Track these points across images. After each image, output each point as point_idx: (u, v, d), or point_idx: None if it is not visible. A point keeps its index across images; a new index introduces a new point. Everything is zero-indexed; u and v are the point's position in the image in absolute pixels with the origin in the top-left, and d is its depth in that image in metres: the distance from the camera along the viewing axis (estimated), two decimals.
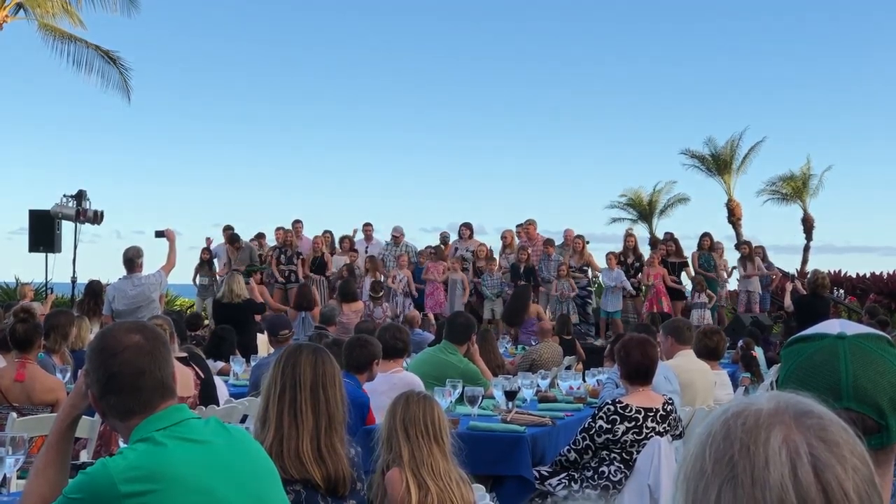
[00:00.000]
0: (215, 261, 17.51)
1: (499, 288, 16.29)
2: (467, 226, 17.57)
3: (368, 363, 5.80)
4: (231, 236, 17.46)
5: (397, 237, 17.66)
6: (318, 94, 47.73)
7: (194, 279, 17.55)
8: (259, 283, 15.60)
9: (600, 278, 16.81)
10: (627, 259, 16.75)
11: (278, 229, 17.73)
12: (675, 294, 16.54)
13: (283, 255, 17.27)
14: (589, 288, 16.55)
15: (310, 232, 18.11)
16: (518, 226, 17.69)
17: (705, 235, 17.12)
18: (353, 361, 5.72)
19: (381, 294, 15.43)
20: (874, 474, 1.09)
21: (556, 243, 17.15)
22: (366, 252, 17.30)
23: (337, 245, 17.86)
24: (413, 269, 16.79)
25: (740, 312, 16.16)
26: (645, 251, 17.53)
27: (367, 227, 18.15)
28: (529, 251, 16.57)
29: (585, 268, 16.76)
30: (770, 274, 17.29)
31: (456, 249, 17.22)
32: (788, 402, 1.13)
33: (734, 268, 17.06)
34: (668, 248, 17.16)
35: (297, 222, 18.05)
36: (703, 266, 16.71)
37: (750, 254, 16.91)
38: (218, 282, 16.97)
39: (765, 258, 17.47)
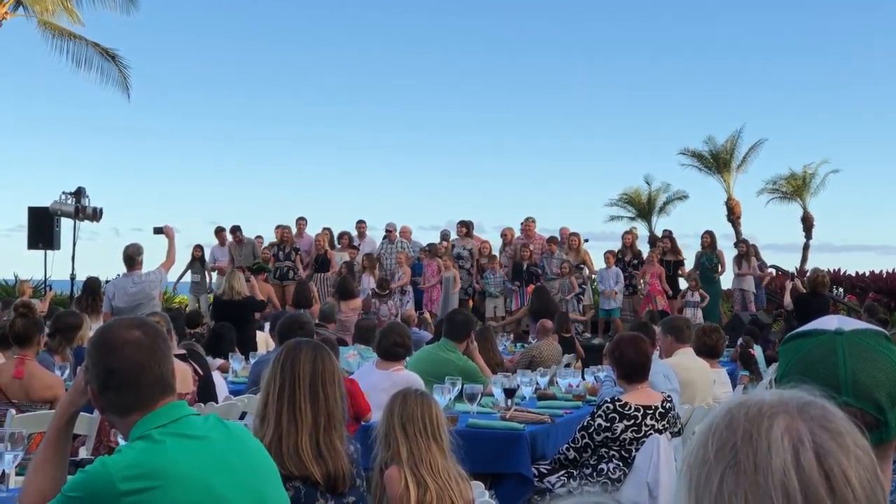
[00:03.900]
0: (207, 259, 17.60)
1: (501, 286, 16.32)
2: (464, 223, 17.62)
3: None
4: (233, 227, 17.52)
5: (391, 232, 17.68)
6: (318, 92, 47.74)
7: (182, 276, 17.62)
8: (265, 281, 15.60)
9: (595, 278, 16.84)
10: (626, 257, 16.80)
11: (278, 227, 17.79)
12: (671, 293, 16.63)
13: (280, 252, 17.30)
14: (583, 286, 16.60)
15: (313, 230, 18.19)
16: (522, 223, 17.78)
17: (706, 233, 17.00)
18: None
19: (388, 292, 15.45)
20: (876, 465, 1.09)
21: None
22: (357, 248, 17.35)
23: (336, 242, 17.89)
24: (412, 267, 16.86)
25: (737, 311, 16.21)
26: (644, 249, 17.57)
27: (361, 225, 18.17)
28: (531, 248, 16.62)
29: (581, 265, 16.81)
30: (762, 275, 17.32)
31: (453, 247, 17.29)
32: (791, 394, 1.13)
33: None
34: (664, 245, 17.19)
35: (300, 219, 18.11)
36: (704, 264, 16.69)
37: (747, 252, 16.93)
38: (209, 279, 17.08)
39: (758, 256, 17.51)
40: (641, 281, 16.39)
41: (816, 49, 39.36)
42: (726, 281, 17.47)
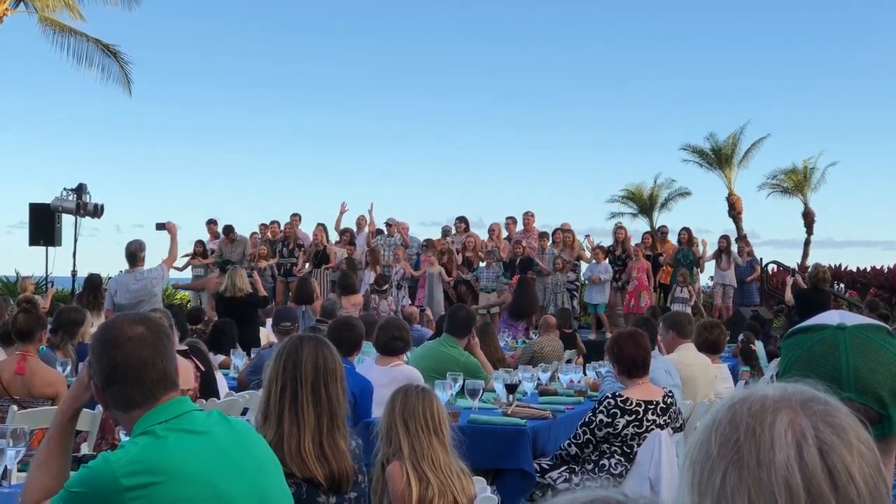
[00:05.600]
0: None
1: (493, 282, 16.31)
2: (462, 219, 17.62)
3: (357, 344, 5.93)
4: (226, 227, 17.51)
5: (390, 226, 17.65)
6: (320, 85, 47.65)
7: (200, 274, 17.61)
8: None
9: (583, 271, 16.88)
10: (616, 252, 16.83)
11: (273, 222, 17.76)
12: (660, 288, 16.75)
13: (284, 248, 17.23)
14: (577, 282, 16.63)
15: (307, 225, 18.16)
16: (508, 218, 17.75)
17: (684, 230, 17.22)
18: (343, 344, 5.55)
19: (386, 287, 15.42)
20: (880, 461, 1.09)
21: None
22: (355, 245, 17.33)
23: (336, 236, 17.88)
24: (412, 263, 16.85)
25: (718, 305, 16.44)
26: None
27: (362, 220, 18.16)
28: (524, 244, 16.59)
29: (577, 262, 16.85)
30: (755, 276, 17.37)
31: (452, 243, 17.27)
32: (795, 388, 1.13)
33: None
34: (646, 242, 17.29)
35: (294, 215, 18.05)
36: (681, 261, 16.77)
37: (727, 248, 16.94)
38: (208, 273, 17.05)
39: (749, 253, 17.59)
40: (631, 274, 16.44)
41: (818, 43, 39.35)
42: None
